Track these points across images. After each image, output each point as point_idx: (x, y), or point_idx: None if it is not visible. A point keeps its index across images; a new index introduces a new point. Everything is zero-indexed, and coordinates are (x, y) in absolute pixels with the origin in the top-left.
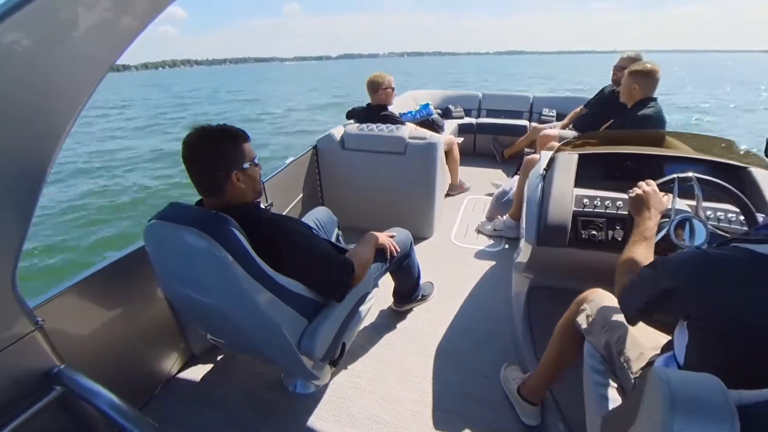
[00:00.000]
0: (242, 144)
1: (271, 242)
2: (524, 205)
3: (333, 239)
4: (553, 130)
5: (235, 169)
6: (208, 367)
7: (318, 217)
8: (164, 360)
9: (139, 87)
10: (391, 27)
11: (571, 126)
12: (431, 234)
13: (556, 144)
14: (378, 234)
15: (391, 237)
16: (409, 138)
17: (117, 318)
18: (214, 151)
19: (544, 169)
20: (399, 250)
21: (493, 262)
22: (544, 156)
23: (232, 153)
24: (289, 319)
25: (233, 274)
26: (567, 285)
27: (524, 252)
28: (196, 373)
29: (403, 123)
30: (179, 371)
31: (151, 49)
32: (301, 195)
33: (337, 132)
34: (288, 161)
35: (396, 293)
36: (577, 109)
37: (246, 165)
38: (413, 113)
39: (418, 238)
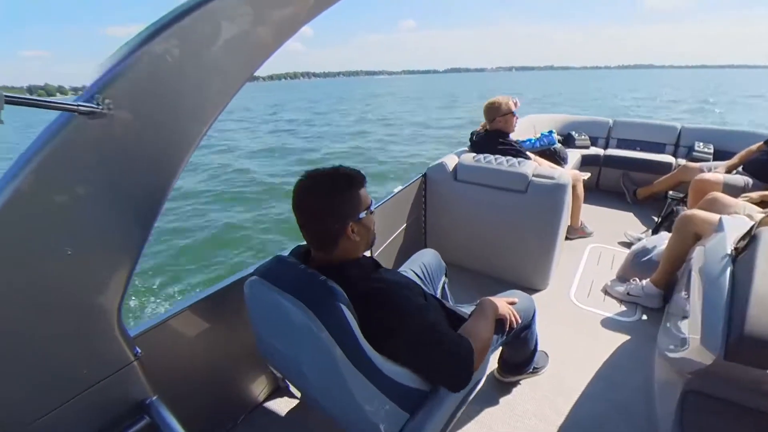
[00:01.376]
0: (359, 190)
1: (380, 318)
2: (686, 280)
3: (439, 288)
4: (716, 173)
5: (351, 221)
6: (294, 401)
7: (425, 262)
8: (249, 390)
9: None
10: (501, 40)
11: (741, 168)
12: (545, 286)
13: (720, 194)
14: (497, 302)
15: (511, 303)
16: (533, 175)
17: (208, 347)
18: (328, 201)
19: (736, 246)
20: (520, 321)
21: (626, 336)
22: (729, 224)
23: (348, 202)
24: (389, 414)
25: (331, 356)
26: (758, 404)
27: (692, 352)
28: (280, 405)
29: (526, 155)
30: (263, 401)
31: (278, 62)
32: (404, 225)
33: (450, 161)
34: (396, 190)
35: (502, 361)
36: (753, 147)
37: (362, 214)
38: (533, 141)
39: (529, 289)
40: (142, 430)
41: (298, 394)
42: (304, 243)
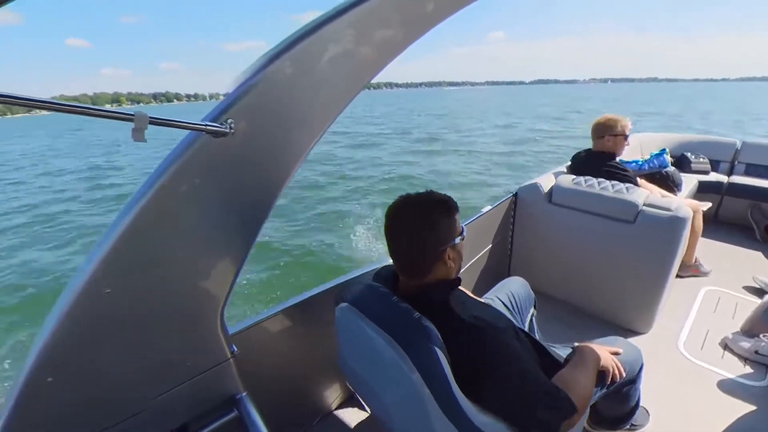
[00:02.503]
0: (455, 215)
1: (472, 358)
2: None
3: (527, 320)
4: None
5: (448, 246)
6: (364, 414)
7: (513, 291)
8: (324, 396)
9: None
10: (596, 50)
11: None
12: (648, 329)
13: None
14: (599, 351)
15: (615, 354)
16: (645, 204)
17: (294, 351)
18: (426, 227)
19: None
20: (624, 375)
21: (750, 406)
22: None
23: (447, 228)
24: None
25: (419, 397)
26: None
27: None
28: (351, 415)
29: (635, 181)
30: (335, 409)
31: None
32: (488, 247)
33: (545, 182)
34: (484, 210)
35: (596, 412)
36: None
37: (457, 240)
38: (640, 163)
39: (629, 331)
40: (230, 422)
41: (368, 408)
42: (390, 264)
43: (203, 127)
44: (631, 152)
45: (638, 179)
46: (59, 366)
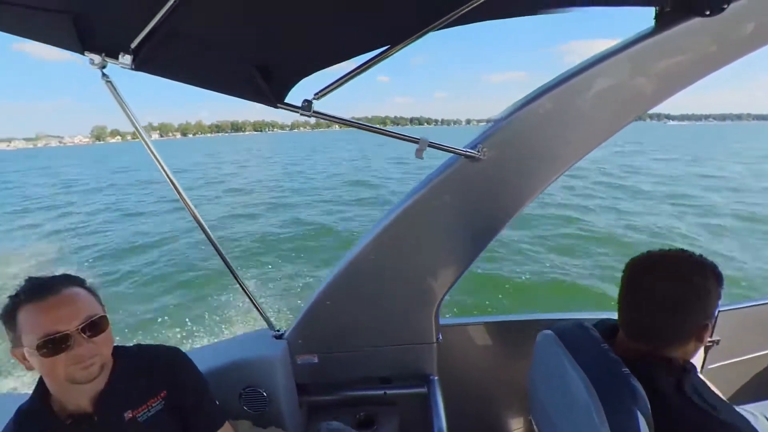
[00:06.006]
0: (720, 288)
1: None
2: None
3: None
4: None
5: (709, 322)
6: None
7: None
8: (505, 415)
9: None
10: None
11: None
12: None
13: None
14: None
15: None
16: None
17: (487, 361)
18: (693, 294)
19: None
20: None
21: None
22: None
23: (714, 299)
24: None
25: None
26: None
27: None
28: None
29: None
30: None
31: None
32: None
33: None
34: None
35: None
36: None
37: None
38: None
39: None
40: (418, 395)
41: None
42: (609, 319)
43: (461, 152)
44: None
45: None
46: (334, 295)
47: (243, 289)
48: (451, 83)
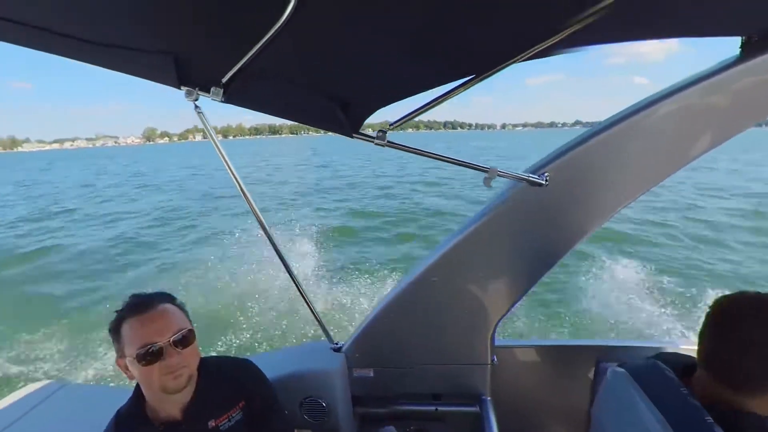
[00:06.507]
0: None
1: None
2: None
3: None
4: None
5: None
6: None
7: None
8: None
9: None
10: None
11: None
12: None
13: None
14: None
15: None
16: None
17: (542, 385)
18: None
19: None
20: None
21: None
22: None
23: None
24: None
25: None
26: None
27: None
28: None
29: None
30: None
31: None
32: None
33: None
34: None
35: None
36: None
37: None
38: None
39: None
40: (470, 414)
41: None
42: (679, 354)
43: (525, 177)
44: None
45: None
46: (393, 312)
47: (306, 302)
48: (489, 87)
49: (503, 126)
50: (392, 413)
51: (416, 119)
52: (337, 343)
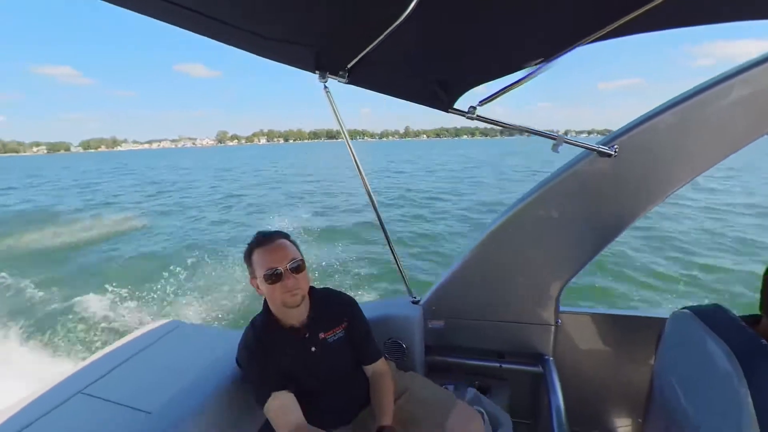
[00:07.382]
0: None
1: None
2: None
3: None
4: None
5: None
6: None
7: None
8: (624, 402)
9: None
10: None
11: None
12: None
13: None
14: None
15: None
16: None
17: (604, 351)
18: None
19: None
20: None
21: None
22: None
23: None
24: None
25: (738, 417)
26: None
27: None
28: None
29: None
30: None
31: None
32: None
33: None
34: None
35: None
36: None
37: None
38: None
39: None
40: (533, 374)
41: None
42: (747, 315)
43: (594, 147)
44: None
45: None
46: (469, 269)
47: (396, 261)
48: (556, 92)
49: (566, 132)
50: (459, 366)
51: (473, 127)
52: (415, 297)
